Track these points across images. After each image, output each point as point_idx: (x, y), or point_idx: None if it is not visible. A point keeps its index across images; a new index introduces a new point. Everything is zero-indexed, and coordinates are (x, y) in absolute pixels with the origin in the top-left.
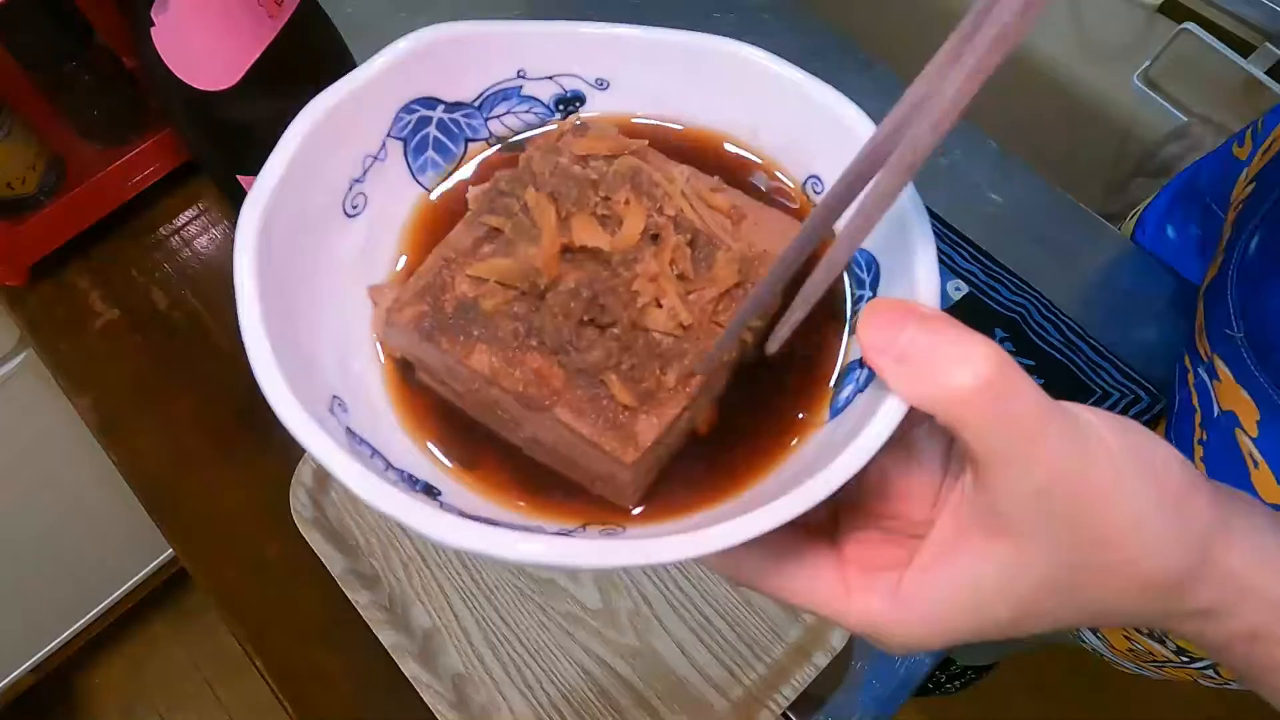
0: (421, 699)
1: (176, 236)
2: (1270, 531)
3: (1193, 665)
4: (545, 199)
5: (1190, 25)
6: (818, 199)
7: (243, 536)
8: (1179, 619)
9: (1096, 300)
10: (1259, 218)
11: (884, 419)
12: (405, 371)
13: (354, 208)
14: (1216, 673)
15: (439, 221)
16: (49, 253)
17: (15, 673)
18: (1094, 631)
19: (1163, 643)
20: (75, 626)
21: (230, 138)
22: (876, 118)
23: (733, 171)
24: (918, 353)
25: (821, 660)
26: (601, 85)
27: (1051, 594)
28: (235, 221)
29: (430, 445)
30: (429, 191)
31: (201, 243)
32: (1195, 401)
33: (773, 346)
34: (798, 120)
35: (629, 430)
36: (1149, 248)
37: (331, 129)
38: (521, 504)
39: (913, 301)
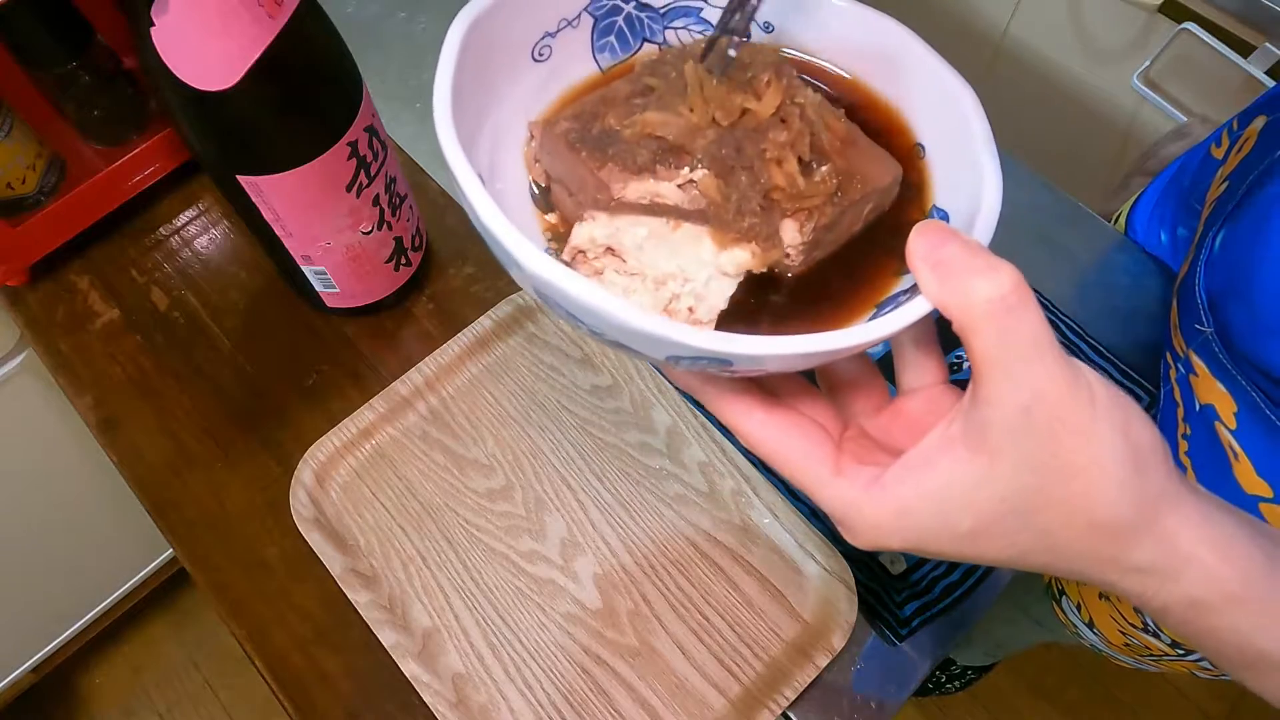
0: (421, 699)
1: (176, 236)
2: (1220, 516)
3: (1188, 658)
4: (701, 69)
5: (1190, 25)
6: (922, 160)
7: (243, 536)
8: (1120, 572)
9: (1096, 299)
10: (1225, 215)
11: (910, 310)
12: (538, 198)
13: (540, 55)
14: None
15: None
16: (49, 253)
17: (15, 673)
18: (1090, 627)
19: (1158, 636)
20: (75, 626)
21: (230, 138)
22: None
23: (854, 113)
24: (952, 262)
25: (821, 660)
26: (767, 29)
27: (1010, 513)
28: (235, 222)
29: None
30: (601, 69)
31: (201, 243)
32: (1178, 396)
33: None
34: (922, 94)
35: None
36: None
37: None
38: None
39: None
